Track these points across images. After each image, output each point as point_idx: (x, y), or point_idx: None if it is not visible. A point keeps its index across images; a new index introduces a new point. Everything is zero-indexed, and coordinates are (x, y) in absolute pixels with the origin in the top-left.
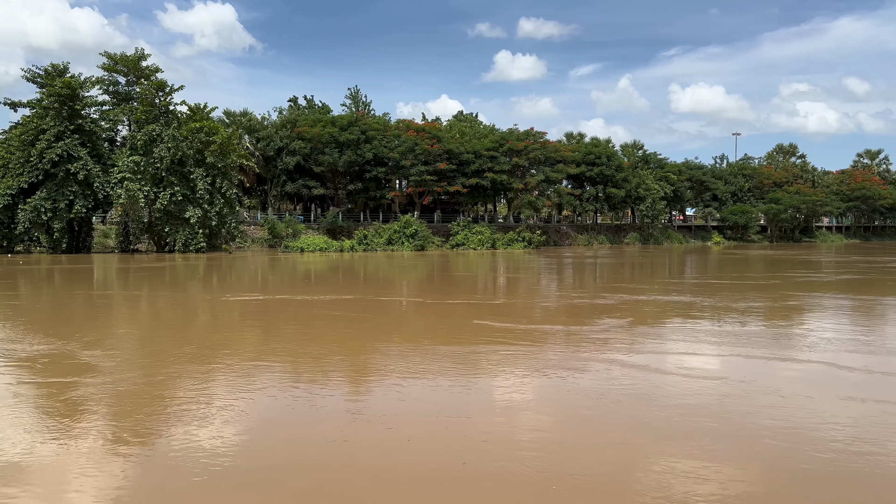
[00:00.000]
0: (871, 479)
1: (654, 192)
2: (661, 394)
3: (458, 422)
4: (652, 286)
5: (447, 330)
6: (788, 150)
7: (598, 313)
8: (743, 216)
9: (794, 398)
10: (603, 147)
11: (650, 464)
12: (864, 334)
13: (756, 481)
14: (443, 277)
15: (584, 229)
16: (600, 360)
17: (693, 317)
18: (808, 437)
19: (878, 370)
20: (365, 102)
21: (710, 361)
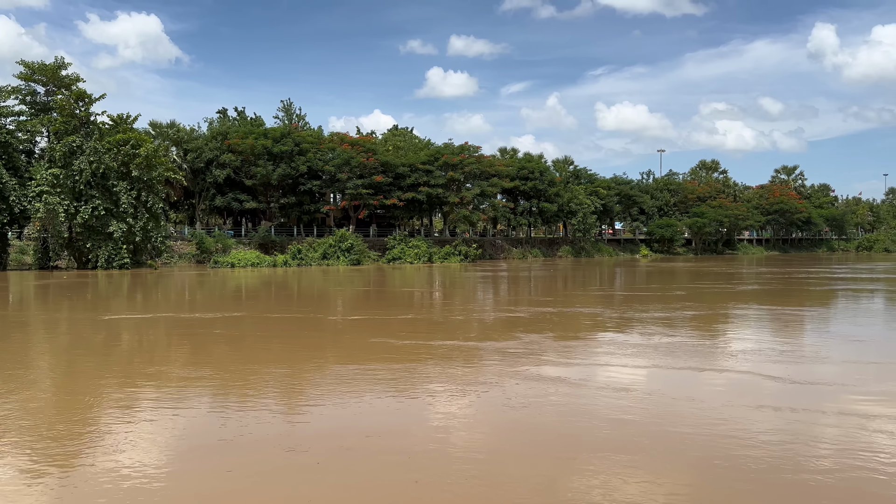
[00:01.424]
0: (790, 485)
1: (586, 206)
2: (588, 406)
3: (373, 441)
4: (582, 299)
5: (348, 348)
6: (711, 166)
7: (526, 326)
8: (669, 230)
9: (717, 408)
10: (536, 162)
11: (580, 475)
12: (781, 344)
13: (680, 489)
14: (372, 292)
15: (518, 243)
16: (523, 375)
17: (619, 329)
18: (730, 445)
19: (796, 379)
20: (299, 115)
21: (636, 373)
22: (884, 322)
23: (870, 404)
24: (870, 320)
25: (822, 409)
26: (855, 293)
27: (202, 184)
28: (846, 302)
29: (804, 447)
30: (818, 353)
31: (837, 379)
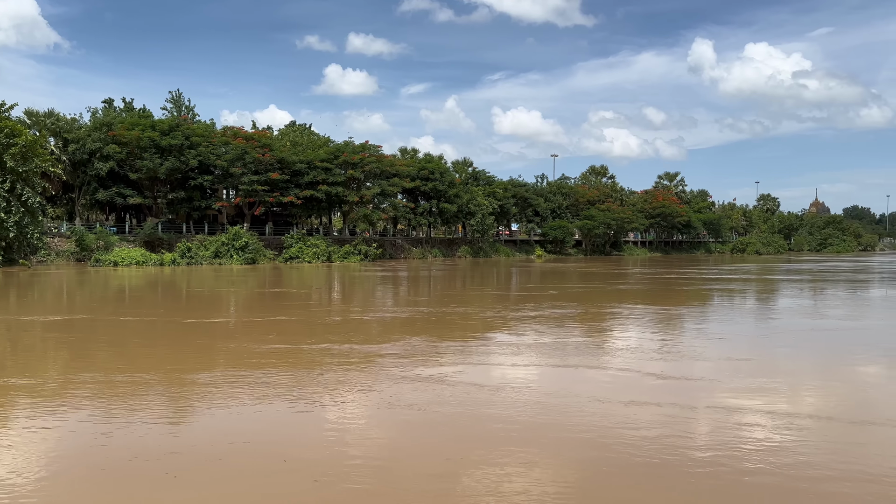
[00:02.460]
0: (671, 476)
1: (484, 207)
2: (479, 405)
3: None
4: (477, 299)
5: (204, 354)
6: (600, 172)
7: (419, 327)
8: (561, 231)
9: (602, 404)
10: (436, 163)
11: (472, 472)
12: (660, 342)
13: (569, 481)
14: (264, 293)
15: (418, 243)
16: (414, 377)
17: (511, 329)
18: (615, 439)
19: (674, 376)
20: (188, 107)
21: (526, 372)
22: (753, 320)
23: (741, 398)
24: (740, 318)
25: (698, 404)
26: (727, 293)
27: (83, 177)
28: (719, 301)
29: (683, 440)
30: (694, 351)
31: (711, 375)
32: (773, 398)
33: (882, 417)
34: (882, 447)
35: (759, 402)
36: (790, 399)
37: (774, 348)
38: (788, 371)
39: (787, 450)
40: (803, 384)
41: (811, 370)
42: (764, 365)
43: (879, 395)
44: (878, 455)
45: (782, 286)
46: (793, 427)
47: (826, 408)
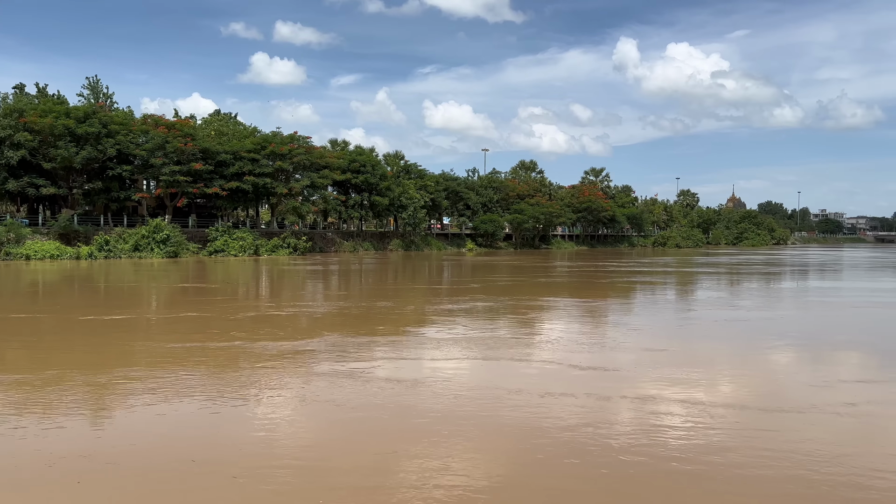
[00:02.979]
0: (593, 466)
1: (416, 200)
2: (408, 399)
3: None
4: (408, 293)
5: (108, 353)
6: (529, 166)
7: (340, 322)
8: (492, 225)
9: (532, 395)
10: (367, 156)
11: (403, 464)
12: (584, 334)
13: (500, 471)
14: (185, 287)
15: (349, 236)
16: (337, 374)
17: (440, 322)
18: (545, 428)
19: (598, 367)
20: (106, 94)
21: (455, 365)
22: (671, 312)
23: (660, 388)
24: (659, 310)
25: (619, 394)
26: (648, 285)
27: None
28: (640, 293)
29: (605, 429)
30: (615, 342)
31: (631, 365)
32: (690, 387)
33: (791, 405)
34: (791, 433)
35: (677, 392)
36: (706, 388)
37: (691, 339)
38: (704, 361)
39: (705, 437)
40: (718, 373)
41: (725, 360)
42: (681, 355)
43: (789, 382)
44: (789, 440)
45: (699, 279)
46: (709, 415)
47: (740, 396)
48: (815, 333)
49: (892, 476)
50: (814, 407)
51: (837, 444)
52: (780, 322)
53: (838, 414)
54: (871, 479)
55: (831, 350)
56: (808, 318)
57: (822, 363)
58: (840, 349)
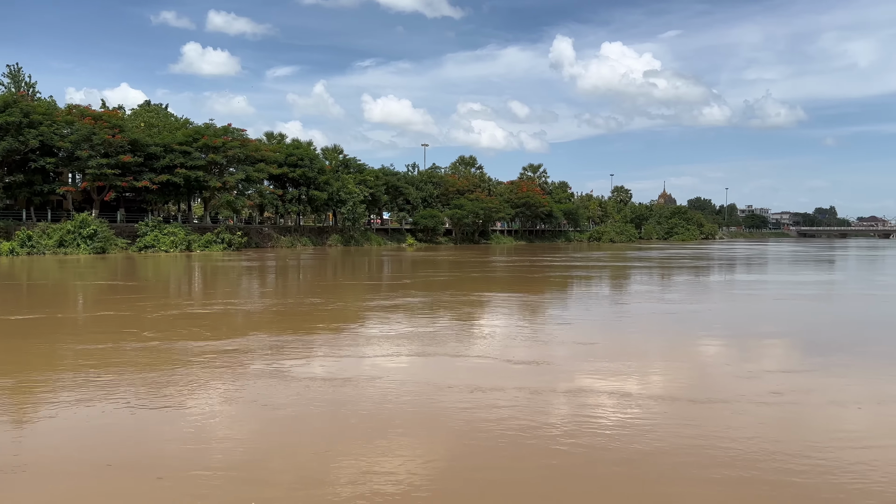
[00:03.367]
0: (530, 459)
1: (355, 195)
2: (343, 396)
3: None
4: (346, 289)
5: (15, 355)
6: (469, 162)
7: (271, 320)
8: (432, 220)
9: (468, 391)
10: (305, 149)
11: (339, 462)
12: (520, 329)
13: (437, 466)
14: (111, 284)
15: (287, 231)
16: (262, 374)
17: (377, 319)
18: (481, 424)
19: (534, 361)
20: (28, 83)
21: (391, 362)
22: (604, 305)
23: (593, 381)
24: (592, 303)
25: (554, 388)
26: (583, 279)
27: None
28: (574, 287)
29: (541, 422)
30: (549, 336)
31: (564, 359)
32: (621, 380)
33: (718, 395)
34: (718, 422)
35: (608, 384)
36: (637, 380)
37: (623, 332)
38: (635, 353)
39: (635, 428)
40: (648, 365)
41: (656, 352)
42: (613, 348)
43: (716, 373)
44: (716, 429)
45: (632, 273)
46: (639, 406)
47: (669, 387)
48: (741, 325)
49: (814, 461)
50: (741, 397)
51: (762, 433)
52: (707, 314)
53: (765, 403)
54: (795, 465)
55: (757, 341)
56: (734, 311)
57: (748, 354)
58: (765, 340)
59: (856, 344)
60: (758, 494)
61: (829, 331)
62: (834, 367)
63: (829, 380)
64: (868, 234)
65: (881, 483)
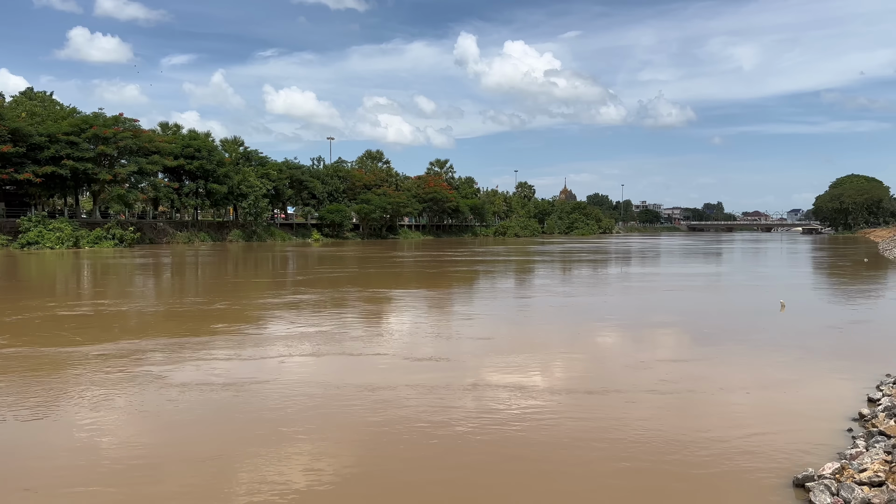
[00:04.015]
0: (443, 458)
1: (257, 189)
2: (240, 400)
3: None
4: (240, 288)
5: None
6: (376, 156)
7: (167, 321)
8: (338, 215)
9: (374, 389)
10: (202, 140)
11: (241, 470)
12: (426, 326)
13: (345, 463)
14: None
15: (184, 226)
16: (163, 380)
17: (277, 318)
18: (381, 422)
19: (432, 357)
20: None
21: (288, 363)
22: (508, 299)
23: (491, 375)
24: (495, 298)
25: (452, 383)
26: (488, 273)
27: None
28: (480, 282)
29: (440, 416)
30: (450, 332)
31: (465, 354)
32: (520, 373)
33: (613, 386)
34: (613, 411)
35: (508, 378)
36: (536, 373)
37: (522, 326)
38: (534, 347)
39: (534, 420)
40: (547, 358)
41: (554, 344)
42: (513, 342)
43: (612, 365)
44: (611, 419)
45: (534, 266)
46: (537, 399)
47: (566, 380)
48: (634, 316)
49: (701, 443)
50: (634, 386)
51: (654, 420)
52: (603, 306)
53: (656, 392)
54: (684, 449)
55: (650, 331)
56: (628, 302)
57: (640, 345)
58: (657, 330)
59: (740, 332)
60: (652, 485)
61: (715, 320)
62: (722, 355)
63: (718, 368)
64: (752, 228)
65: (769, 464)
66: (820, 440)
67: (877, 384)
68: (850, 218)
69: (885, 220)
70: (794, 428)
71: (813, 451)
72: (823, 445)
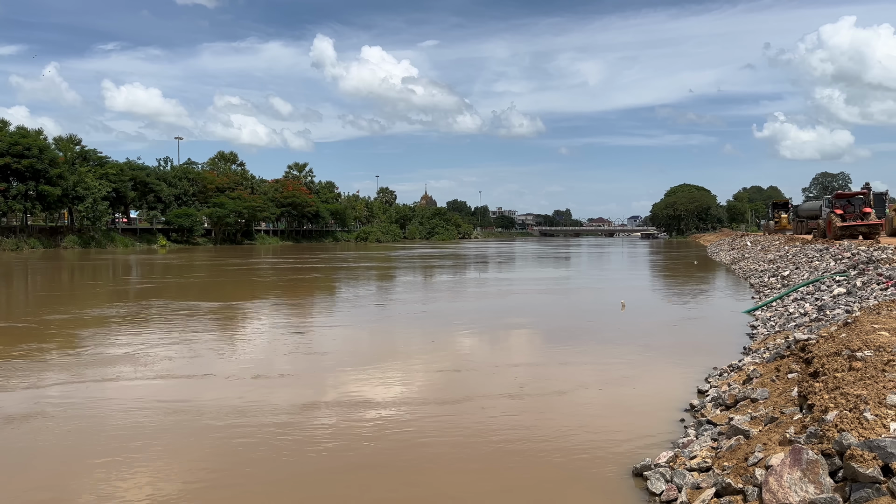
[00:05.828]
0: (296, 479)
1: (95, 191)
2: (83, 428)
3: None
4: (70, 300)
5: None
6: (229, 158)
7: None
8: (188, 219)
9: (226, 414)
10: (33, 138)
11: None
12: (287, 336)
13: (188, 485)
14: None
15: (10, 231)
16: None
17: (96, 336)
18: (237, 449)
19: (287, 374)
20: None
21: (128, 386)
22: (366, 308)
23: (351, 387)
24: (352, 308)
25: (314, 399)
26: (348, 280)
27: None
28: (339, 290)
29: (299, 433)
30: (318, 346)
31: (320, 368)
32: (378, 385)
33: (469, 393)
34: (470, 416)
35: (367, 390)
36: (394, 384)
37: (381, 334)
38: (390, 356)
39: (396, 430)
40: (404, 368)
41: (414, 353)
42: (370, 353)
43: (469, 370)
44: (470, 425)
45: (395, 273)
46: (400, 410)
47: (424, 389)
48: (488, 320)
49: (547, 440)
50: (489, 391)
51: (503, 422)
52: (460, 311)
53: (505, 395)
54: (531, 447)
55: (505, 333)
56: (482, 306)
57: (496, 348)
58: (512, 332)
59: (584, 331)
60: (500, 484)
61: (562, 321)
62: (568, 355)
63: (564, 367)
64: (597, 234)
65: (611, 456)
66: (657, 431)
67: (705, 376)
68: (682, 224)
69: (712, 226)
70: (634, 421)
71: (650, 441)
72: (660, 436)
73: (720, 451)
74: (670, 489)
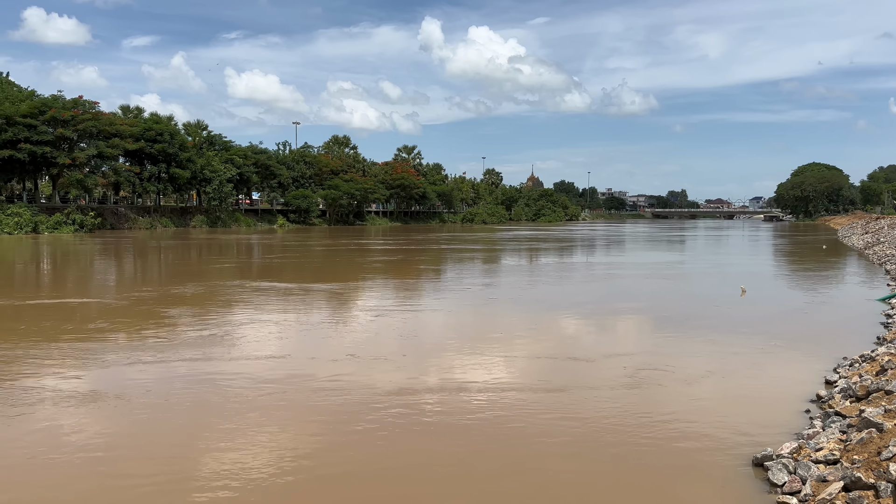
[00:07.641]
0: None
1: (221, 174)
2: (200, 394)
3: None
4: (196, 275)
5: None
6: (343, 142)
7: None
8: (305, 201)
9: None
10: (165, 124)
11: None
12: (378, 321)
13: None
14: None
15: (146, 211)
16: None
17: (203, 317)
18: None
19: (401, 355)
20: None
21: (265, 365)
22: (475, 290)
23: (461, 372)
24: (461, 289)
25: (427, 383)
26: (458, 262)
27: None
28: (449, 272)
29: (414, 411)
30: (417, 327)
31: (436, 346)
32: (488, 368)
33: (584, 383)
34: (579, 405)
35: (473, 374)
36: (503, 369)
37: (489, 317)
38: (498, 340)
39: (505, 416)
40: (511, 353)
41: (519, 338)
42: (480, 334)
43: (579, 357)
44: (576, 412)
45: (503, 256)
46: (508, 396)
47: (533, 375)
48: (599, 304)
49: (664, 428)
50: (599, 378)
51: (619, 408)
52: (571, 294)
53: (619, 380)
54: (647, 434)
55: (613, 319)
56: (594, 290)
57: (606, 335)
58: (621, 318)
59: (701, 317)
60: (618, 471)
61: (678, 306)
62: (684, 342)
63: (680, 354)
64: (714, 216)
65: (730, 445)
66: (779, 421)
67: (834, 367)
68: (810, 206)
69: (844, 208)
70: (754, 411)
71: (772, 432)
72: (782, 426)
73: (849, 444)
74: (793, 480)
